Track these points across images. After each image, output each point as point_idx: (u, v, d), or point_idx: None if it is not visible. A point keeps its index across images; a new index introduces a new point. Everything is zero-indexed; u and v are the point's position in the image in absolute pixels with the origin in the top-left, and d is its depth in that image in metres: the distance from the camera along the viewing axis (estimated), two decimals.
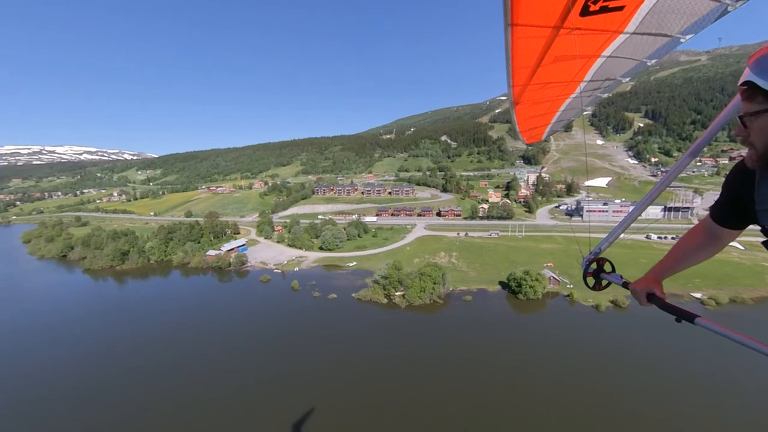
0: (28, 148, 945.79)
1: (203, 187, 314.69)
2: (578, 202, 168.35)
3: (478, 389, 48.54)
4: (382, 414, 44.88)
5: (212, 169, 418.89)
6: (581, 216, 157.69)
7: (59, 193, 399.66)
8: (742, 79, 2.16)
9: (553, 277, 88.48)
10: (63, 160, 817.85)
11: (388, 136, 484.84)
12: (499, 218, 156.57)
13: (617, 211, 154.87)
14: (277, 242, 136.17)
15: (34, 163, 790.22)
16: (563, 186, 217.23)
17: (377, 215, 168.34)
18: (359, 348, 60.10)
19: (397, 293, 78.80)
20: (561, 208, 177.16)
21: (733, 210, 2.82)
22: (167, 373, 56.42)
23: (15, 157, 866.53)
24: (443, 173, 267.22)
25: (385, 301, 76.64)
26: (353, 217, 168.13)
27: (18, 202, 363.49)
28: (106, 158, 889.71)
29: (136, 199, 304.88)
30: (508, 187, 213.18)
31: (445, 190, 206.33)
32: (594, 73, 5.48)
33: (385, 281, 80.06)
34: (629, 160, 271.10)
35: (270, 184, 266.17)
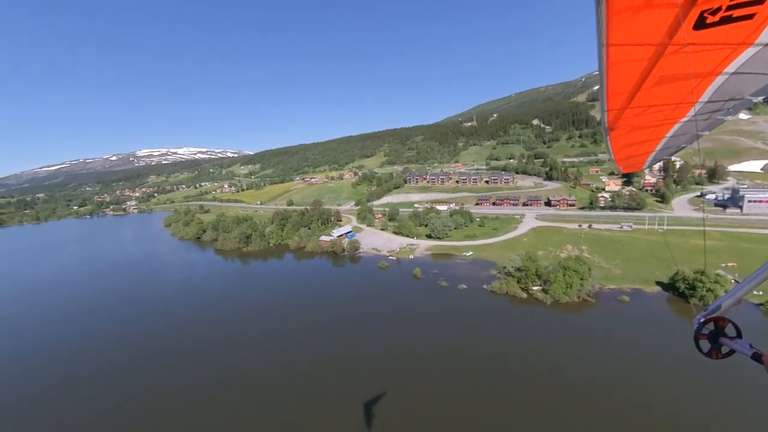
0: (159, 151, 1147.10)
1: (297, 178, 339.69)
2: (735, 191, 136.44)
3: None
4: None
5: (302, 162, 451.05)
6: (740, 208, 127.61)
7: (183, 186, 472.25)
8: None
9: (735, 281, 71.57)
10: (183, 160, 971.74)
11: (470, 124, 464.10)
12: (626, 209, 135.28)
13: None
14: (381, 229, 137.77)
15: (163, 162, 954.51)
16: (702, 171, 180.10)
17: (477, 204, 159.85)
18: (503, 344, 55.13)
19: (534, 287, 71.51)
20: (708, 197, 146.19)
21: None
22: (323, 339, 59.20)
23: (150, 158, 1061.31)
24: (542, 160, 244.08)
25: (525, 295, 69.92)
26: (451, 205, 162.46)
27: (155, 194, 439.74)
28: (214, 156, 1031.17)
29: (243, 190, 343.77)
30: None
31: (549, 178, 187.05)
32: (713, 93, 4.73)
33: (519, 274, 73.29)
34: None
35: (360, 175, 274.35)
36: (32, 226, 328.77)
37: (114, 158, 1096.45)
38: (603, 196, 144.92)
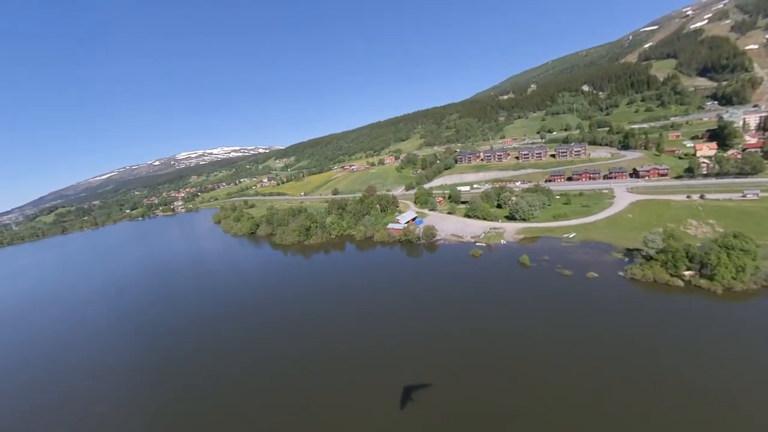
0: (196, 153, 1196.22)
1: (336, 167, 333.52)
2: None
3: None
4: None
5: (337, 151, 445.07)
6: None
7: (223, 184, 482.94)
8: None
9: None
10: (219, 159, 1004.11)
11: (506, 97, 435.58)
12: (738, 174, 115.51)
13: None
14: (448, 213, 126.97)
15: (201, 163, 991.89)
16: None
17: (548, 180, 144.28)
18: (696, 356, 43.83)
19: (686, 272, 58.64)
20: None
21: None
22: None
23: (189, 160, 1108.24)
24: (606, 128, 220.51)
25: (680, 283, 57.30)
26: (518, 183, 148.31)
27: (198, 193, 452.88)
28: (247, 153, 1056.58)
29: (283, 182, 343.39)
30: (717, 136, 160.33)
31: (626, 147, 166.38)
32: None
33: (664, 256, 60.49)
34: None
35: (402, 159, 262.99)
36: (92, 231, 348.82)
37: (157, 163, 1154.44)
38: (704, 162, 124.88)
